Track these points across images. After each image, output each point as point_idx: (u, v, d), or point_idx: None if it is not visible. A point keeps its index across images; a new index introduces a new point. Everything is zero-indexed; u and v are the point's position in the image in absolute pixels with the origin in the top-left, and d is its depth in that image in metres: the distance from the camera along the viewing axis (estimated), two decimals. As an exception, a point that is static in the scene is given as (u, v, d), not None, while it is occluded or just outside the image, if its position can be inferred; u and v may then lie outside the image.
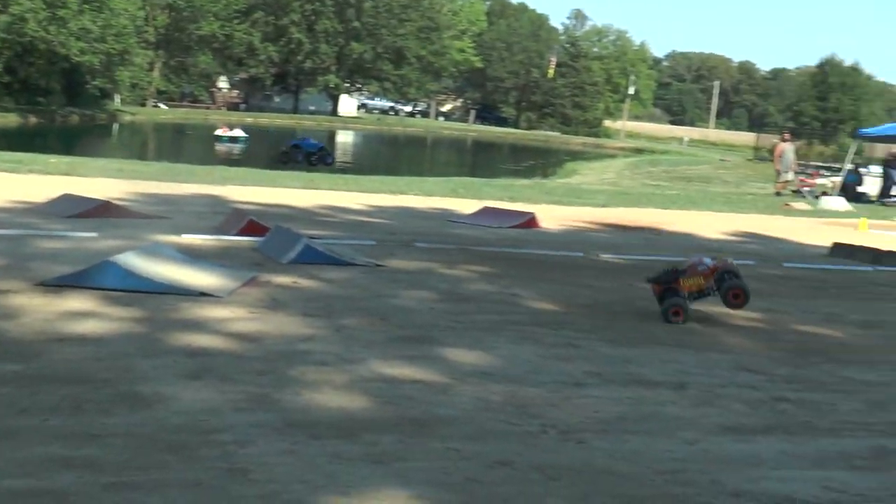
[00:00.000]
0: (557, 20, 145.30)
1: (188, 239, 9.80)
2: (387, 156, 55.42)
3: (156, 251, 8.01)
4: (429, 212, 15.27)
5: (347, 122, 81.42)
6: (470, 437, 4.46)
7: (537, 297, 8.14)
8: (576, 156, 70.55)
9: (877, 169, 32.18)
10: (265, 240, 9.69)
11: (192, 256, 8.31)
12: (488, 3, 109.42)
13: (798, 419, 5.10)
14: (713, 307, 8.29)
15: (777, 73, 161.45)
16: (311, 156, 11.20)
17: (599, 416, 4.87)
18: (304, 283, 7.92)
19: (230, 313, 6.61)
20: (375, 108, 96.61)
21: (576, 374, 5.69)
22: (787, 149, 30.39)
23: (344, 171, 31.52)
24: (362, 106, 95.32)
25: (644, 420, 4.89)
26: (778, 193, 29.43)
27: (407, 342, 6.19)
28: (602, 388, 5.43)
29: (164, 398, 4.71)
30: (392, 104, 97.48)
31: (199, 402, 4.70)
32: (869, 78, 71.33)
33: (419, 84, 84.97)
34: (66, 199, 11.96)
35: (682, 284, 7.36)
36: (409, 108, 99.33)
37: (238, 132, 45.17)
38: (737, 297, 7.52)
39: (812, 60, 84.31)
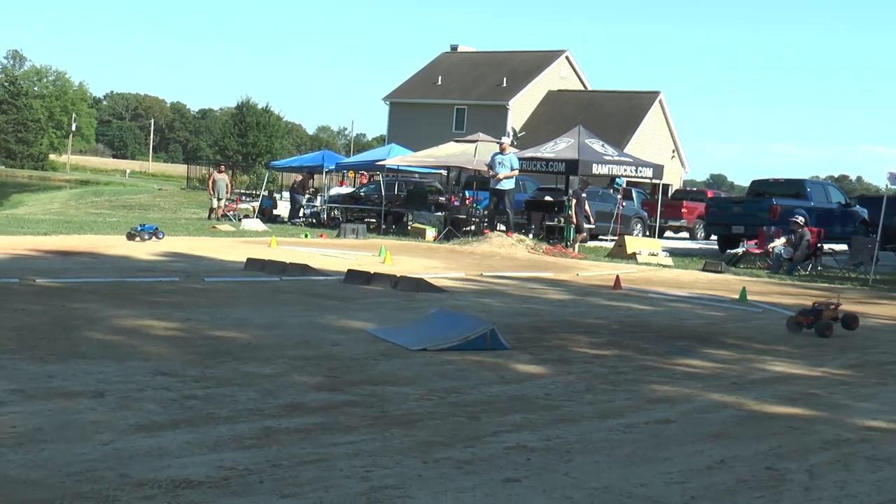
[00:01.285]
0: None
1: None
2: None
3: None
4: None
5: None
6: None
7: (-34, 324, 7.50)
8: (23, 188, 66.23)
9: (287, 195, 33.87)
10: None
11: None
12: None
13: (203, 412, 5.20)
14: (138, 321, 8.22)
15: (205, 113, 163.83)
16: None
17: (17, 431, 4.60)
18: None
19: None
20: None
21: (-3, 393, 5.33)
22: (219, 178, 31.09)
23: None
24: None
25: (62, 429, 4.70)
26: (210, 217, 29.91)
27: None
28: (23, 405, 5.13)
29: None
30: None
31: None
32: (279, 118, 74.57)
33: None
34: None
35: (824, 315, 9.93)
36: None
37: None
38: (855, 320, 10.23)
39: (232, 102, 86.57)
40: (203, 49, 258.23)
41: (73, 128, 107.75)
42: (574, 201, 22.68)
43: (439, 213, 25.45)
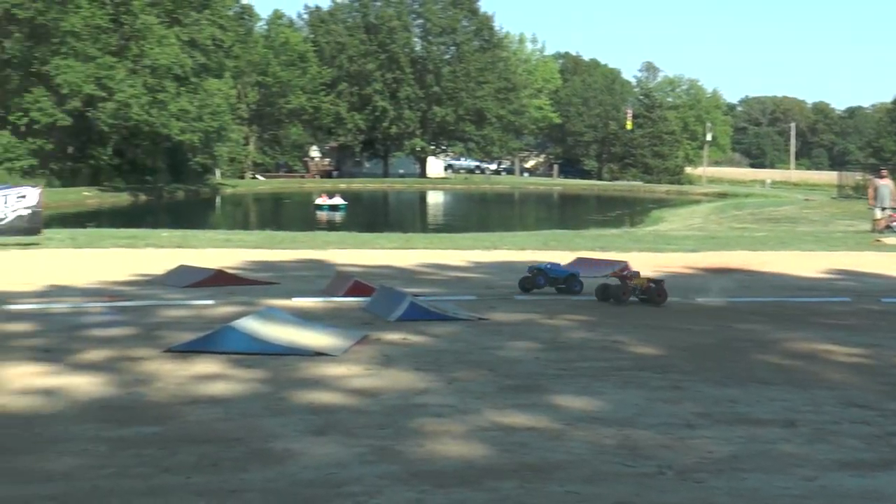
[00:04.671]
0: (629, 73, 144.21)
1: (299, 302, 10.02)
2: (477, 213, 55.61)
3: (271, 315, 8.17)
4: (523, 265, 15.25)
5: (436, 183, 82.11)
6: (587, 480, 4.45)
7: (638, 343, 8.09)
8: (661, 203, 69.96)
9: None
10: (372, 300, 9.82)
11: (305, 318, 8.46)
12: (561, 61, 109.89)
13: (914, 452, 4.98)
14: (812, 345, 8.17)
15: (853, 112, 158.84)
16: (557, 282, 10.80)
17: (714, 456, 4.82)
18: (412, 338, 8.00)
19: (346, 371, 6.72)
20: (462, 168, 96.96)
21: (684, 415, 5.64)
22: (882, 185, 29.39)
23: (437, 230, 31.90)
24: (449, 167, 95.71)
25: (758, 458, 4.82)
26: (874, 230, 28.58)
27: (517, 391, 6.22)
28: (712, 429, 5.37)
29: (294, 454, 4.80)
30: (477, 163, 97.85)
31: (327, 456, 4.77)
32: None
33: (501, 142, 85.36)
34: (182, 269, 12.27)
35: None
36: (493, 167, 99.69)
37: (338, 200, 45.98)
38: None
39: (887, 97, 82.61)
40: (846, 43, 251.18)
41: (708, 138, 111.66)
42: None
43: None
